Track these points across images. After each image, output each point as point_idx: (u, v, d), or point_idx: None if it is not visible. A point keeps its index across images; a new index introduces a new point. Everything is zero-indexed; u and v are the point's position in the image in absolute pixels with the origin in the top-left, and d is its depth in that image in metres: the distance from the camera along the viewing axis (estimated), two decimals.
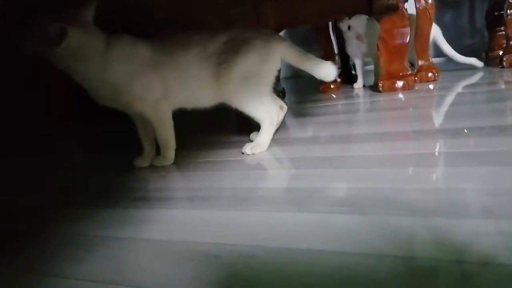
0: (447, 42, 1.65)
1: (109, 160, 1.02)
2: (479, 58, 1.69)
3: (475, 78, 1.44)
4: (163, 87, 0.81)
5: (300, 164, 0.70)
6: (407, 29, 1.33)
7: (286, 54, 0.86)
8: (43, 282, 0.42)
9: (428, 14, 1.46)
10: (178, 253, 0.43)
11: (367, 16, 1.55)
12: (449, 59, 1.69)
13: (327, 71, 0.87)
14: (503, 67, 1.48)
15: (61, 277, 0.42)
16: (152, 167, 0.85)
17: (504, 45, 1.53)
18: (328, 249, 0.38)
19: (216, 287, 0.35)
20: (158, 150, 0.87)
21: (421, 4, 1.47)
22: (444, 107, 1.02)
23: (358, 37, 1.60)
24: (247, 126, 0.94)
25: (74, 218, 0.60)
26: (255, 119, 0.85)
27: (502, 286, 0.29)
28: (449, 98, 1.12)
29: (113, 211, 0.60)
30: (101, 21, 0.77)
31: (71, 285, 0.40)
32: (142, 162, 0.87)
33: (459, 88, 1.28)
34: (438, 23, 1.61)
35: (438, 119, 0.89)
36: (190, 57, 0.81)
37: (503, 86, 1.18)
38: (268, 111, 0.85)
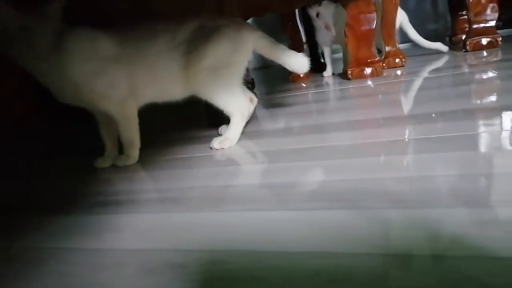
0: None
1: (69, 164, 0.95)
2: (443, 42, 1.72)
3: (441, 62, 1.46)
4: (129, 83, 0.76)
5: (273, 157, 0.67)
6: (374, 15, 1.32)
7: (258, 44, 0.83)
8: None
9: None
10: (141, 264, 0.39)
11: (335, 3, 1.53)
12: (415, 45, 1.71)
13: (300, 63, 0.85)
14: (466, 50, 1.51)
15: None
16: (115, 168, 0.80)
17: (467, 29, 1.56)
18: (306, 250, 0.35)
19: None
20: (121, 150, 0.82)
21: None
22: (412, 92, 1.02)
23: (326, 27, 1.59)
24: (216, 119, 0.90)
25: (27, 229, 0.54)
26: (224, 112, 0.81)
27: (472, 271, 0.28)
28: (417, 83, 1.13)
29: (69, 219, 0.55)
30: None
31: None
32: (103, 162, 0.81)
33: (425, 73, 1.29)
34: (401, 9, 1.61)
35: (407, 104, 0.88)
36: (158, 47, 0.75)
37: (467, 70, 1.20)
38: (238, 104, 0.81)
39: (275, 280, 0.32)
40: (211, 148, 0.78)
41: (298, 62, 0.85)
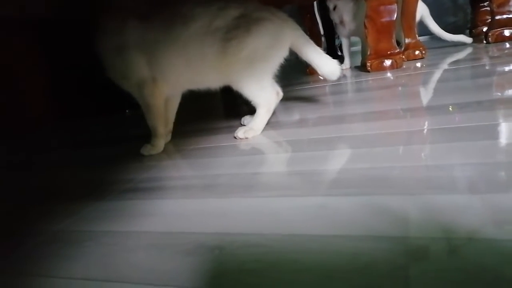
0: None
1: (96, 155, 0.97)
2: (463, 35, 1.69)
3: (461, 54, 1.44)
4: (155, 67, 0.77)
5: (298, 146, 0.67)
6: (394, 6, 1.30)
7: (296, 43, 0.83)
8: (33, 283, 0.38)
9: None
10: (176, 246, 0.40)
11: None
12: (434, 37, 1.69)
13: (332, 69, 0.85)
14: (488, 42, 1.48)
15: (52, 277, 0.39)
16: (141, 157, 0.81)
17: (488, 20, 1.53)
18: (338, 233, 0.36)
19: (221, 281, 0.33)
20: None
21: None
22: (432, 84, 1.01)
23: (341, 21, 1.57)
24: (235, 111, 0.91)
25: (62, 214, 0.56)
26: (252, 103, 0.81)
27: (488, 259, 0.28)
28: (437, 75, 1.11)
29: (102, 204, 0.57)
30: None
31: (63, 285, 0.37)
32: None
33: (445, 65, 1.27)
34: (422, 1, 1.59)
35: (426, 96, 0.88)
36: (192, 31, 0.75)
37: (488, 62, 1.18)
38: (267, 97, 0.82)
39: (312, 262, 0.33)
40: (235, 137, 0.80)
41: (330, 69, 0.85)
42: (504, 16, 1.43)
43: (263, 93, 0.80)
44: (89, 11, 0.79)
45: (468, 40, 1.63)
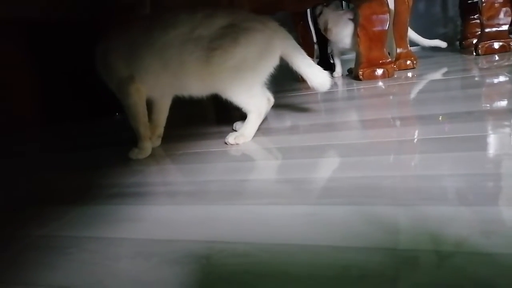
0: (421, 31, 1.73)
1: (83, 158, 0.95)
2: (453, 46, 1.73)
3: (452, 65, 1.46)
4: (132, 66, 0.77)
5: (288, 154, 0.67)
6: (387, 16, 1.32)
7: (287, 53, 0.81)
8: None
9: (406, 1, 1.46)
10: (163, 254, 0.39)
11: (343, 10, 1.53)
12: (425, 48, 1.73)
13: (322, 81, 0.84)
14: (478, 54, 1.50)
15: (32, 285, 0.37)
16: (129, 161, 0.80)
17: (478, 33, 1.55)
18: (328, 244, 0.36)
19: None
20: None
21: None
22: (423, 94, 1.01)
23: (325, 29, 1.57)
24: (227, 116, 0.90)
25: (45, 218, 0.54)
26: (243, 109, 0.81)
27: (477, 271, 0.28)
28: (428, 86, 1.12)
29: (87, 209, 0.55)
30: None
31: None
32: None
33: (436, 75, 1.29)
34: (411, 12, 1.62)
35: (417, 106, 0.88)
36: (171, 37, 0.74)
37: (478, 73, 1.19)
38: (257, 104, 0.81)
39: (302, 274, 0.32)
40: (225, 143, 0.79)
41: (320, 80, 0.84)
42: (494, 29, 1.45)
43: (253, 100, 0.80)
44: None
45: (443, 44, 1.74)
